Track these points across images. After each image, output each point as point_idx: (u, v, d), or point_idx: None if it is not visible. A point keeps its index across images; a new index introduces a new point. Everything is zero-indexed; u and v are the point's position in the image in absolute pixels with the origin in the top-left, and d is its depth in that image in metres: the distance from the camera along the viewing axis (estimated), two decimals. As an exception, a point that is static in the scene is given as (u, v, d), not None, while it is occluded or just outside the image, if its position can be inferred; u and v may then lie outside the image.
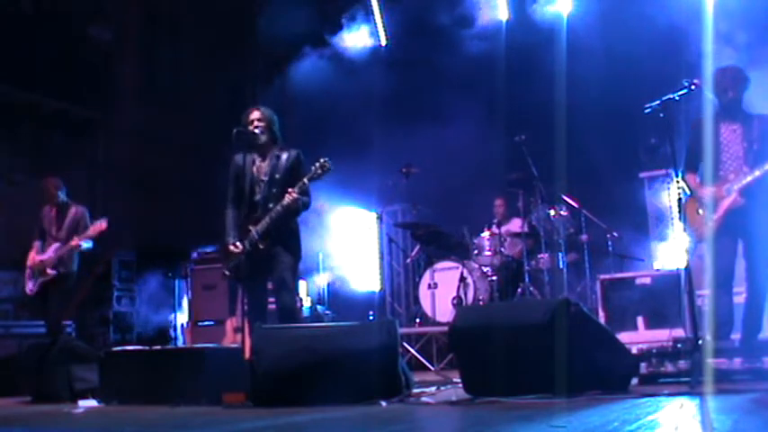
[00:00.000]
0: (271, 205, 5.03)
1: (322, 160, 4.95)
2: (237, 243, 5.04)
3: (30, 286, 6.94)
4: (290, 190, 4.96)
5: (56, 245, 6.90)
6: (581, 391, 3.61)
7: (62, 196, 7.08)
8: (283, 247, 5.05)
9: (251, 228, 5.03)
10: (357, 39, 10.31)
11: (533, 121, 7.94)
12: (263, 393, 4.12)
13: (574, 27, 8.82)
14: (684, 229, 5.00)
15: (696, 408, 3.19)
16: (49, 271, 6.83)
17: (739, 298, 5.09)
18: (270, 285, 5.20)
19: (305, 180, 4.96)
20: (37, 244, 7.05)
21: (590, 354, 3.77)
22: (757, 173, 4.80)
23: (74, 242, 6.80)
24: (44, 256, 6.89)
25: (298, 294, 5.18)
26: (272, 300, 5.36)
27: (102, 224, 6.79)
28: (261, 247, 4.99)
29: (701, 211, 4.95)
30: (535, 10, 9.14)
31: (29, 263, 7.00)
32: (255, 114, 5.20)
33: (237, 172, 5.18)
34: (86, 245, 6.93)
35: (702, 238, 4.97)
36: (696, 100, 4.97)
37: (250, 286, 5.16)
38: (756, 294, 4.85)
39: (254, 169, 5.17)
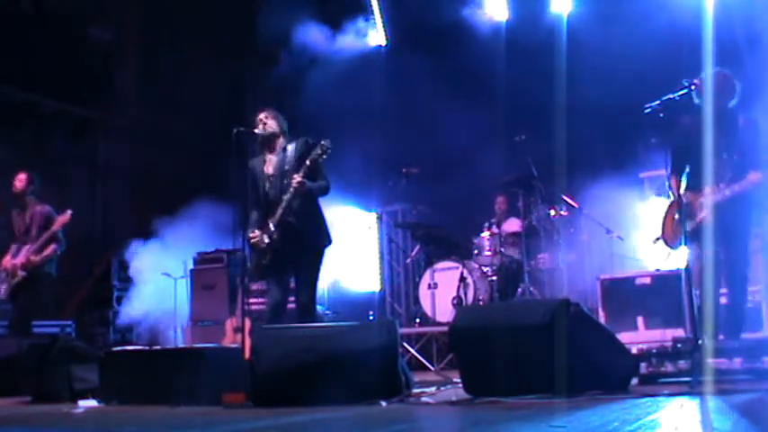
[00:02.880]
0: (285, 197, 5.06)
1: (322, 142, 5.04)
2: (256, 231, 5.10)
3: (2, 290, 6.89)
4: (294, 175, 5.01)
5: (27, 246, 6.83)
6: (581, 391, 3.61)
7: (29, 196, 6.96)
8: (304, 244, 5.09)
9: (268, 221, 5.09)
10: (357, 38, 10.31)
11: (533, 121, 7.94)
12: (263, 393, 4.12)
13: (574, 27, 8.83)
14: (660, 234, 5.03)
15: (696, 408, 3.19)
16: (20, 272, 6.78)
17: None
18: (292, 285, 5.25)
19: (307, 163, 5.00)
20: (13, 247, 6.97)
21: (590, 354, 3.77)
22: (728, 192, 4.78)
23: (48, 251, 6.77)
24: (16, 260, 6.84)
25: (315, 294, 5.20)
26: (291, 299, 5.38)
27: (65, 216, 6.75)
28: (275, 237, 5.02)
29: (676, 217, 4.95)
30: (535, 10, 9.14)
31: (2, 267, 6.93)
32: (263, 114, 5.29)
33: (254, 176, 5.27)
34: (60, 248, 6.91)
35: (672, 244, 4.98)
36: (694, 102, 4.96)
37: (270, 283, 5.20)
38: (735, 296, 4.89)
39: (265, 168, 5.24)
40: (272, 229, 5.05)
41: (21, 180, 6.96)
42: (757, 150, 4.82)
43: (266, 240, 5.07)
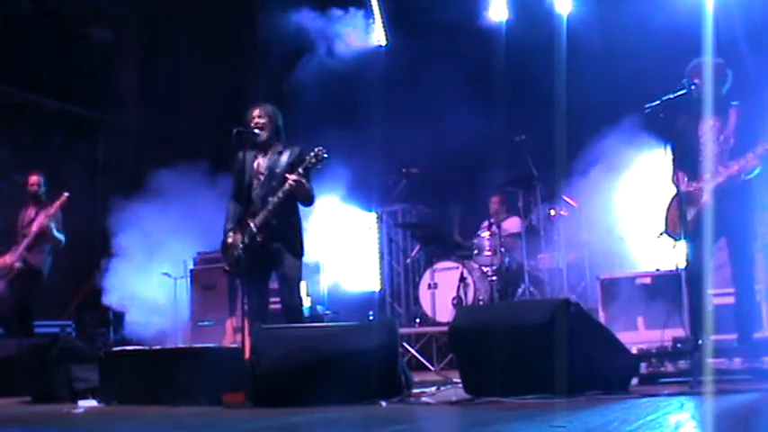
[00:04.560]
0: (270, 199, 5.02)
1: (316, 149, 4.97)
2: (235, 231, 5.05)
3: (1, 287, 6.86)
4: (287, 175, 4.96)
5: (24, 240, 6.83)
6: (581, 391, 3.61)
7: (42, 197, 6.99)
8: (284, 244, 5.03)
9: (249, 221, 5.03)
10: (357, 38, 10.31)
11: (533, 121, 7.94)
12: (263, 393, 4.12)
13: (574, 27, 8.83)
14: (665, 230, 5.00)
15: (696, 408, 3.19)
16: (17, 264, 6.76)
17: (729, 299, 5.10)
18: (273, 284, 5.21)
19: (300, 170, 4.95)
20: (13, 249, 6.95)
21: (590, 354, 3.77)
22: (726, 172, 4.74)
23: (40, 221, 6.72)
24: (14, 256, 6.83)
25: (300, 293, 5.16)
26: (274, 300, 5.36)
27: (62, 198, 6.74)
28: (259, 239, 4.98)
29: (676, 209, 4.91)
30: (535, 10, 9.15)
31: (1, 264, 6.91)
32: (256, 112, 5.20)
33: (239, 168, 5.18)
34: (59, 235, 6.85)
35: (677, 236, 4.94)
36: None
37: (250, 283, 5.15)
38: (744, 293, 4.84)
39: (255, 165, 5.17)
40: (254, 230, 5.00)
41: (36, 184, 7.02)
42: (752, 135, 4.77)
43: (246, 241, 5.00)
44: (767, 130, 4.76)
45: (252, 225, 5.01)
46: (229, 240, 5.06)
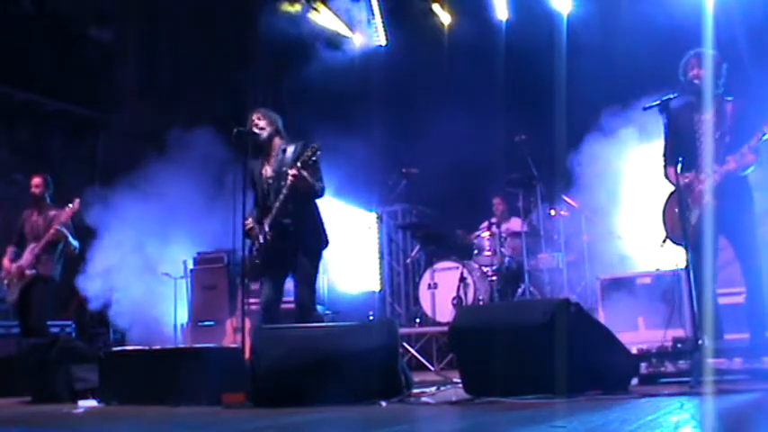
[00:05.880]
0: (280, 197, 5.00)
1: (312, 144, 4.97)
2: (250, 220, 5.07)
3: (13, 295, 6.75)
4: (288, 170, 4.93)
5: (32, 245, 6.73)
6: (581, 391, 3.60)
7: (46, 200, 6.91)
8: (300, 243, 5.03)
9: (264, 222, 5.05)
10: (357, 38, 10.32)
11: (533, 121, 7.94)
12: (263, 393, 4.12)
13: (574, 27, 8.83)
14: (667, 235, 4.94)
15: (696, 408, 3.19)
16: (28, 272, 6.66)
17: (739, 298, 5.08)
18: (287, 284, 5.21)
19: (298, 164, 4.90)
20: (10, 250, 6.84)
21: (590, 354, 3.76)
22: (722, 169, 4.68)
23: (51, 231, 6.61)
24: (21, 261, 6.71)
25: (313, 294, 5.14)
26: (287, 299, 5.35)
27: (74, 206, 6.67)
28: (268, 238, 4.99)
29: (676, 210, 4.83)
30: (535, 10, 9.15)
31: (3, 273, 6.79)
32: (255, 115, 5.21)
33: (252, 177, 5.21)
34: (74, 242, 6.82)
35: (680, 241, 4.85)
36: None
37: (264, 280, 5.15)
38: (755, 291, 4.80)
39: (263, 172, 5.16)
40: (267, 229, 5.01)
41: (38, 185, 6.89)
42: (748, 132, 4.70)
43: (260, 240, 5.03)
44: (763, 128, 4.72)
45: (265, 224, 5.04)
46: (248, 227, 5.07)
